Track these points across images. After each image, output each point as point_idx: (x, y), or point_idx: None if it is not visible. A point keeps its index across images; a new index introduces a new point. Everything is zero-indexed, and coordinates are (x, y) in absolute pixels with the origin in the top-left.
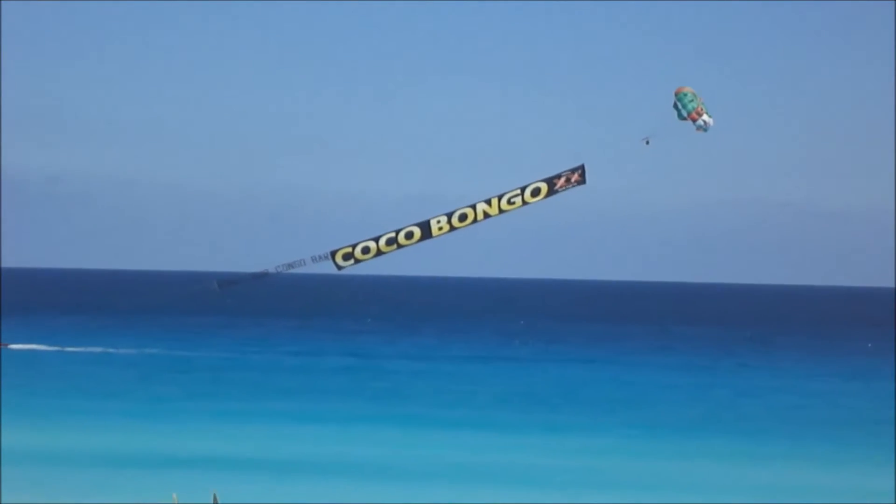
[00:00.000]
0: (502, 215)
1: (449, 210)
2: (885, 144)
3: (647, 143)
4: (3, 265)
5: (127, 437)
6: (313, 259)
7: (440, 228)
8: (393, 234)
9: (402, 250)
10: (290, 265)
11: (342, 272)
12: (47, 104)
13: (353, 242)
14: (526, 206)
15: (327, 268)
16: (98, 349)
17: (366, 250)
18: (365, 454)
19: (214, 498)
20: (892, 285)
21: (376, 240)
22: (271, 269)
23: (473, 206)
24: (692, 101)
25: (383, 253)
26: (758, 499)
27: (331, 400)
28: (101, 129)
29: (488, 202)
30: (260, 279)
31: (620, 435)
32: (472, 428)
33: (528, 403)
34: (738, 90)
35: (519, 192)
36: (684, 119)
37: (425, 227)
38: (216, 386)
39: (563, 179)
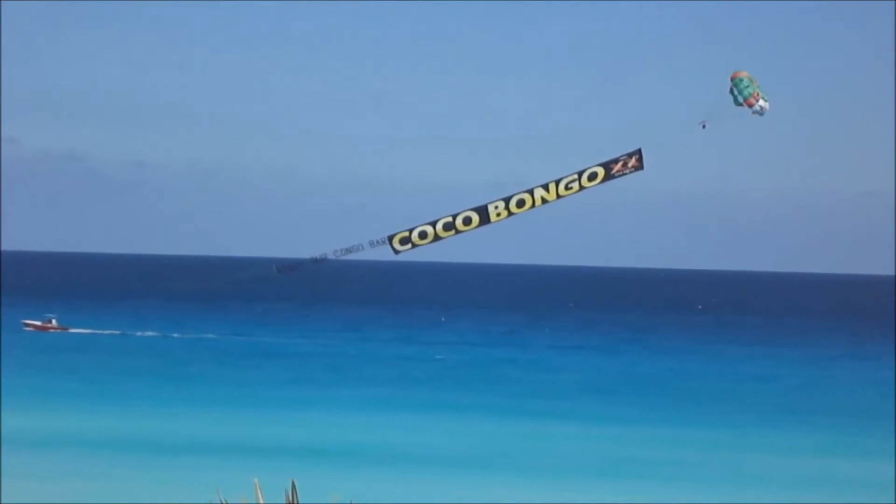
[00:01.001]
0: (560, 200)
1: (506, 195)
2: None
3: (704, 126)
4: (69, 249)
5: (210, 424)
6: (371, 244)
7: (498, 214)
8: (450, 219)
9: (458, 236)
10: (349, 250)
11: (399, 257)
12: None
13: (411, 227)
14: (583, 191)
15: (384, 253)
16: (152, 332)
17: (423, 235)
18: (475, 445)
19: (256, 487)
20: None
21: (434, 224)
22: (330, 254)
23: (531, 192)
24: (748, 86)
25: (440, 238)
26: None
27: (422, 388)
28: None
29: (546, 187)
30: (319, 264)
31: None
32: (564, 418)
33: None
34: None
35: (576, 176)
36: (740, 105)
37: (483, 213)
38: (301, 372)
39: (620, 164)
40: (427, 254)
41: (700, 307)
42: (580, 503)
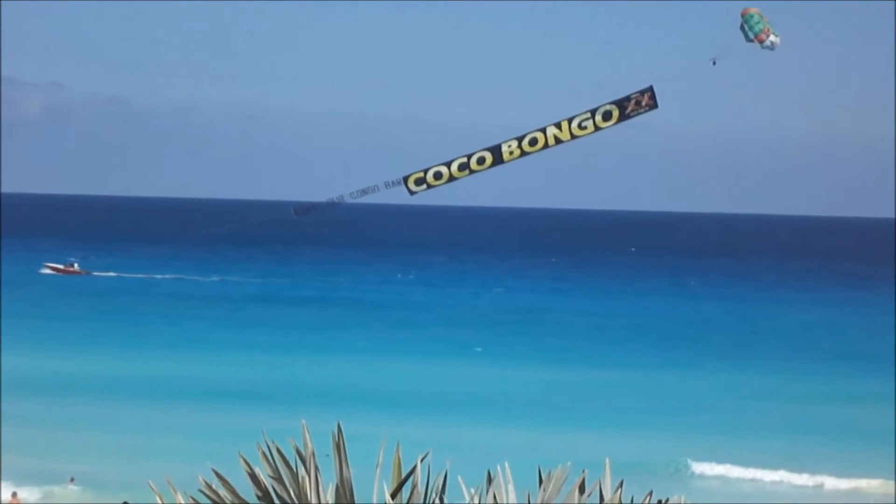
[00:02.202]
0: (573, 141)
1: (520, 135)
2: None
3: (714, 63)
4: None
5: (254, 369)
6: (386, 185)
7: (511, 153)
8: (465, 160)
9: (472, 176)
10: (364, 191)
11: (413, 198)
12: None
13: (426, 168)
14: (597, 131)
15: (400, 194)
16: (170, 275)
17: (438, 175)
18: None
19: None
20: None
21: (448, 165)
22: (346, 196)
23: (544, 131)
24: (759, 22)
25: (455, 178)
26: None
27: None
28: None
29: (559, 126)
30: (335, 206)
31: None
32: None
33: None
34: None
35: (590, 115)
36: (751, 41)
37: (496, 152)
38: (340, 317)
39: (633, 102)
40: (439, 197)
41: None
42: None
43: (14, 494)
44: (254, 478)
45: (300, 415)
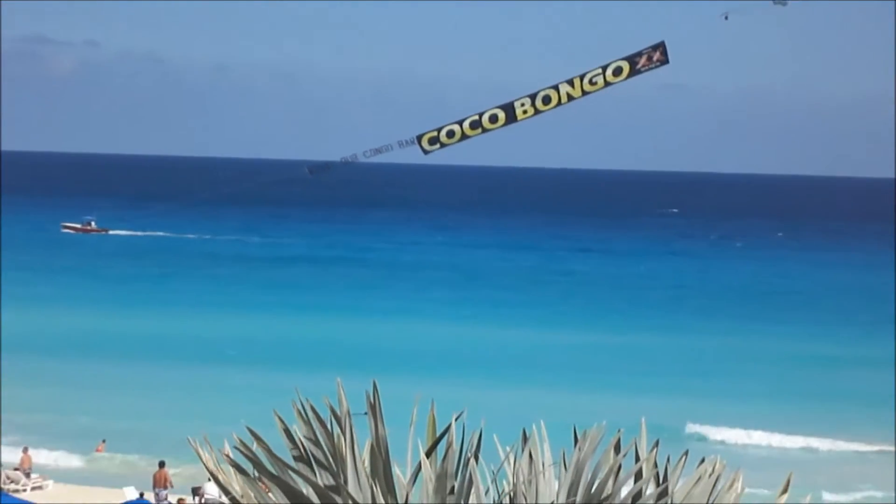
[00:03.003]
0: (585, 98)
1: (532, 92)
2: None
3: (727, 18)
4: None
5: (283, 329)
6: (400, 144)
7: (524, 112)
8: (477, 118)
9: (485, 134)
10: (378, 150)
11: (428, 156)
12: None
13: (439, 126)
14: (608, 87)
15: (414, 153)
16: (192, 235)
17: (451, 134)
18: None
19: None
20: None
21: (461, 123)
22: (360, 155)
23: (556, 88)
24: None
25: (468, 136)
26: None
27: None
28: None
29: (571, 83)
30: (350, 164)
31: None
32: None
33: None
34: None
35: (601, 71)
36: None
37: (509, 110)
38: (372, 278)
39: (644, 58)
40: (457, 156)
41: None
42: None
43: (25, 449)
44: (289, 436)
45: (335, 374)
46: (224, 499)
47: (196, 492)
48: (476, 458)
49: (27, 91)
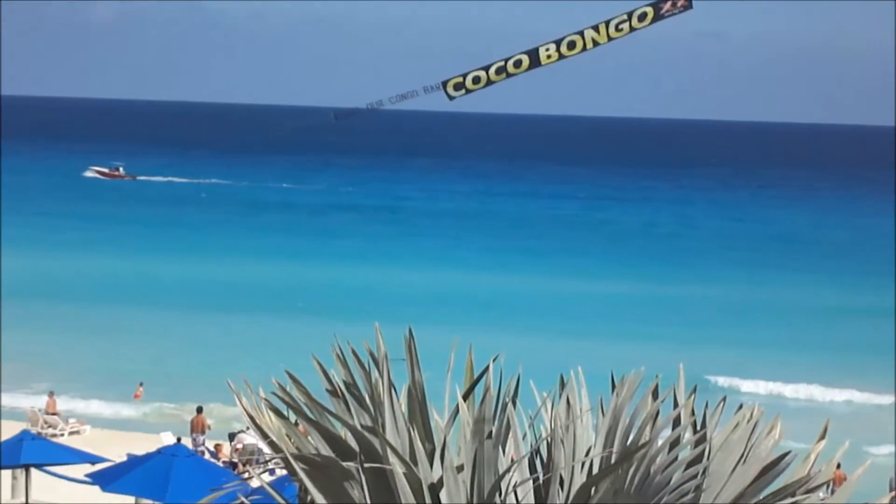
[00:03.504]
0: (610, 43)
1: (558, 38)
2: None
3: None
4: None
5: (321, 275)
6: (425, 90)
7: (549, 56)
8: (502, 63)
9: (511, 79)
10: (403, 96)
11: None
12: None
13: (464, 72)
14: (633, 33)
15: (439, 99)
16: (220, 180)
17: (476, 80)
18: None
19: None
20: None
21: (486, 69)
22: (385, 101)
23: (581, 33)
24: None
25: (493, 82)
26: None
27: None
28: None
29: (596, 28)
30: (376, 109)
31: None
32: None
33: None
34: None
35: (626, 17)
36: None
37: (534, 55)
38: (410, 225)
39: (668, 3)
40: (481, 103)
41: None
42: None
43: (51, 394)
44: (327, 378)
45: (373, 321)
46: (262, 444)
47: (233, 438)
48: (514, 404)
49: (67, 39)
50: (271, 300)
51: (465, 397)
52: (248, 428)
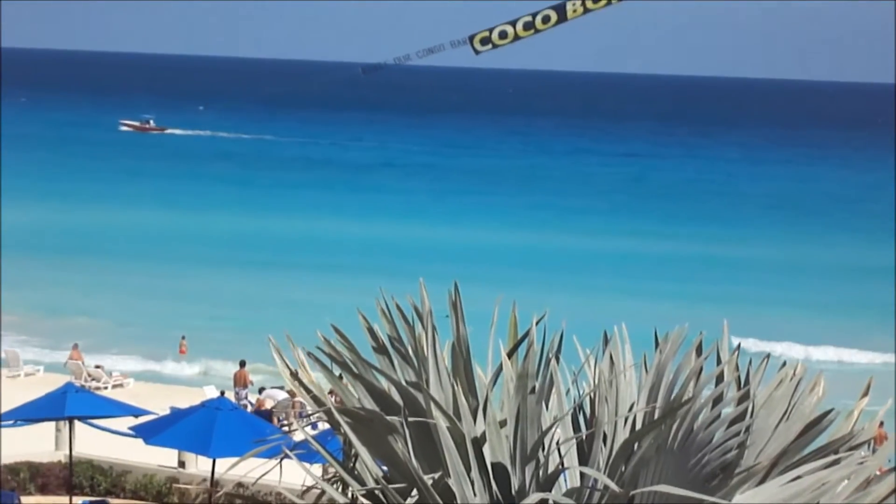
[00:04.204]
0: None
1: None
2: None
3: None
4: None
5: (368, 231)
6: (452, 44)
7: (574, 11)
8: (530, 18)
9: (537, 35)
10: (430, 50)
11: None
12: None
13: (491, 27)
14: None
15: (466, 54)
16: (254, 136)
17: (503, 35)
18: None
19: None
20: None
21: (514, 24)
22: (413, 55)
23: None
24: None
25: (520, 37)
26: None
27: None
28: None
29: None
30: (403, 63)
31: None
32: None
33: None
34: None
35: None
36: None
37: (561, 10)
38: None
39: None
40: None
41: None
42: None
43: (75, 346)
44: (372, 333)
45: (416, 278)
46: (303, 398)
47: (262, 392)
48: (557, 360)
49: None
50: (315, 256)
51: (509, 354)
52: (282, 387)
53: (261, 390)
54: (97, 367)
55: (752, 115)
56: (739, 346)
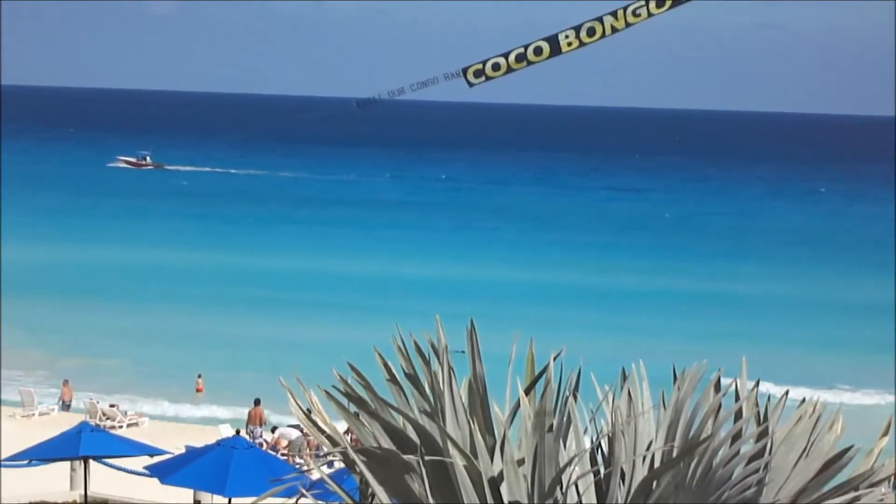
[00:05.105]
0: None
1: (577, 24)
2: None
3: None
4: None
5: (381, 267)
6: (446, 77)
7: (569, 44)
8: (522, 50)
9: (530, 68)
10: (424, 83)
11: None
12: None
13: (484, 59)
14: (651, 18)
15: (459, 87)
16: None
17: (496, 67)
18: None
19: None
20: None
21: (506, 56)
22: (406, 88)
23: (601, 20)
24: None
25: (513, 69)
26: None
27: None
28: None
29: (614, 15)
30: (396, 97)
31: None
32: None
33: None
34: None
35: (644, 2)
36: None
37: (554, 43)
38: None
39: None
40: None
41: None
42: None
43: (65, 382)
44: (388, 370)
45: (432, 314)
46: (316, 437)
47: (274, 431)
48: (574, 397)
49: (126, 29)
50: (330, 294)
51: (526, 391)
52: (290, 425)
53: (274, 429)
54: (112, 406)
55: (764, 148)
56: (758, 382)
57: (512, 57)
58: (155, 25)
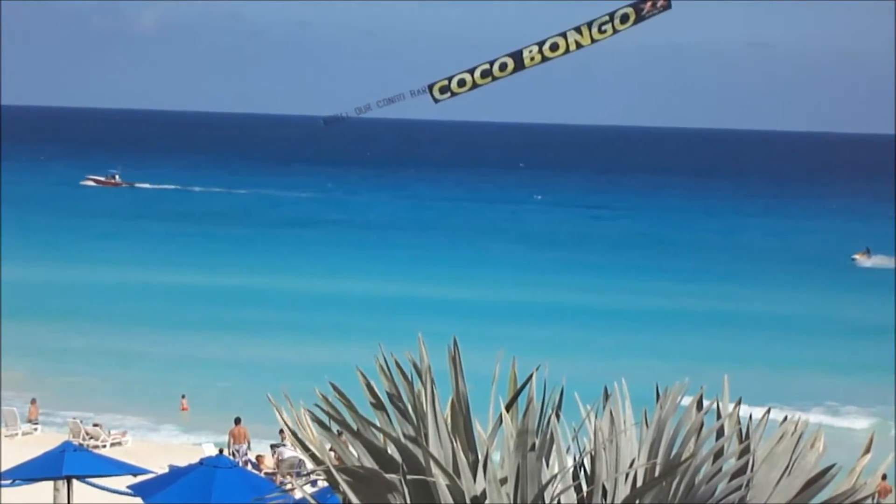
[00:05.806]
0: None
1: (541, 40)
2: None
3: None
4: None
5: (367, 285)
6: (412, 93)
7: (532, 59)
8: (487, 66)
9: (495, 83)
10: (391, 100)
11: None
12: None
13: (450, 75)
14: (616, 35)
15: (425, 103)
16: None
17: (462, 83)
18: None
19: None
20: None
21: (472, 72)
22: (373, 105)
23: (564, 35)
24: None
25: (478, 85)
26: None
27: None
28: None
29: (579, 30)
30: (363, 114)
31: None
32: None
33: None
34: None
35: (608, 18)
36: None
37: (518, 58)
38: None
39: (649, 4)
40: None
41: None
42: None
43: (33, 401)
44: (370, 390)
45: (414, 333)
46: (303, 456)
47: (274, 449)
48: (557, 416)
49: (111, 48)
50: (310, 314)
51: (507, 408)
52: (284, 441)
53: (272, 447)
54: (95, 425)
55: (755, 166)
56: (740, 400)
57: (477, 73)
58: (138, 45)
